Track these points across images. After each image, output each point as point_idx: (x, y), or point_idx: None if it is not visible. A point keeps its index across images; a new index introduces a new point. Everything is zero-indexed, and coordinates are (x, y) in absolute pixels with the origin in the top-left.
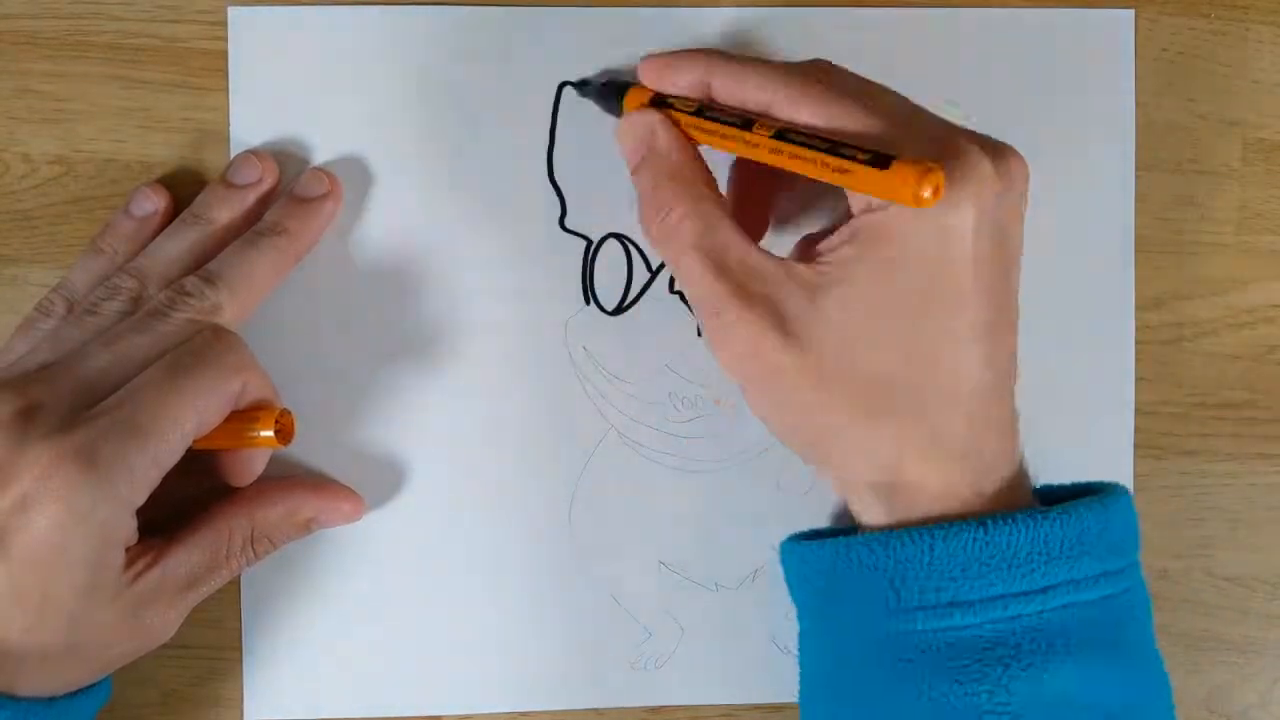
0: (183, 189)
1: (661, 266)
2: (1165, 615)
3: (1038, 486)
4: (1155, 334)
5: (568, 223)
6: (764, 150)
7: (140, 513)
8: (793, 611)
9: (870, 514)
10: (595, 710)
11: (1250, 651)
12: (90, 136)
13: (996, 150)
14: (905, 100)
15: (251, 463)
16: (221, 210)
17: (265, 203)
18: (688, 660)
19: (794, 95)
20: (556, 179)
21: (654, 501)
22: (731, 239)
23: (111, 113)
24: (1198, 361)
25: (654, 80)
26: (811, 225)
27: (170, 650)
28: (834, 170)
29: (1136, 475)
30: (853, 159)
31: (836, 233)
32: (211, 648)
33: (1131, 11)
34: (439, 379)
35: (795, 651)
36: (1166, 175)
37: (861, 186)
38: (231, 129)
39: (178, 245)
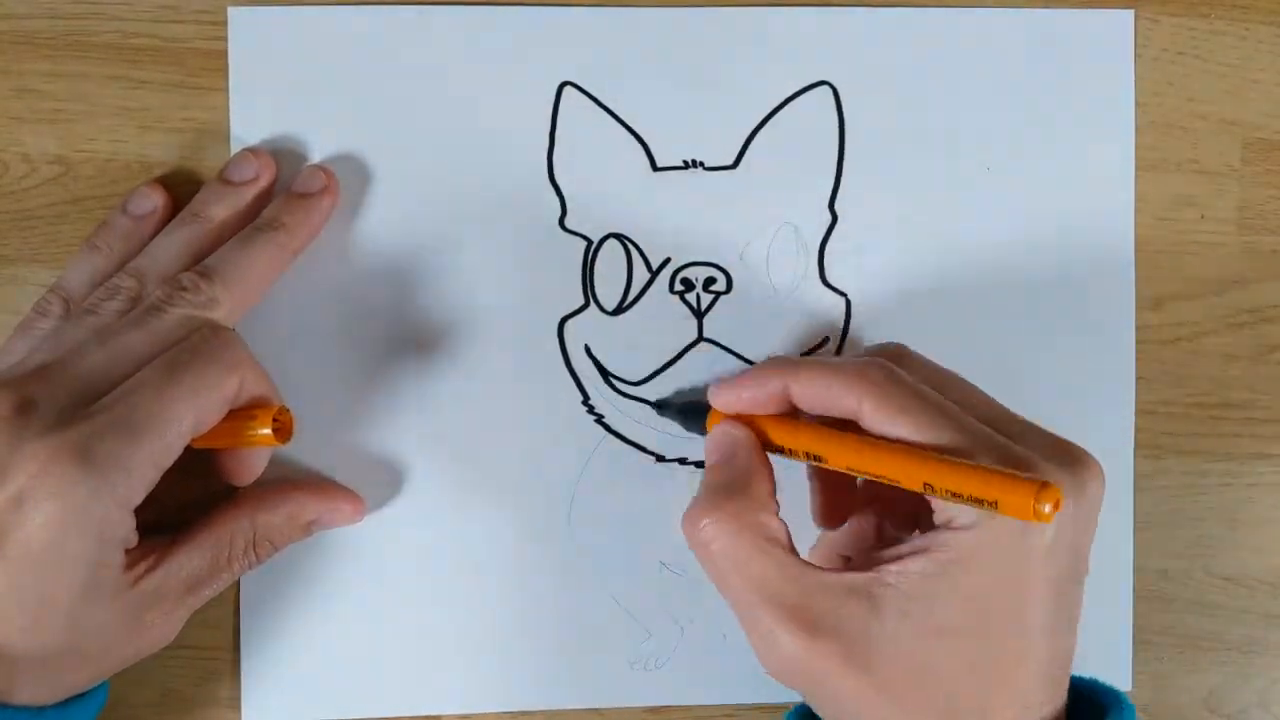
0: (182, 189)
1: (662, 266)
2: (1165, 615)
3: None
4: (1155, 334)
5: (568, 223)
6: (863, 466)
7: (141, 515)
8: None
9: None
10: (595, 710)
11: (1250, 651)
12: (90, 136)
13: (1074, 462)
14: (977, 393)
15: (252, 462)
16: (219, 208)
17: (263, 200)
18: (688, 660)
19: (876, 407)
20: (556, 179)
21: (654, 501)
22: (783, 557)
23: (111, 113)
24: (1198, 361)
25: (729, 404)
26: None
27: (169, 650)
28: (939, 489)
29: (1136, 475)
30: (971, 470)
31: (906, 544)
32: (210, 648)
33: (1131, 11)
34: (439, 379)
35: None
36: (1166, 175)
37: (975, 499)
38: (231, 129)
39: (176, 243)
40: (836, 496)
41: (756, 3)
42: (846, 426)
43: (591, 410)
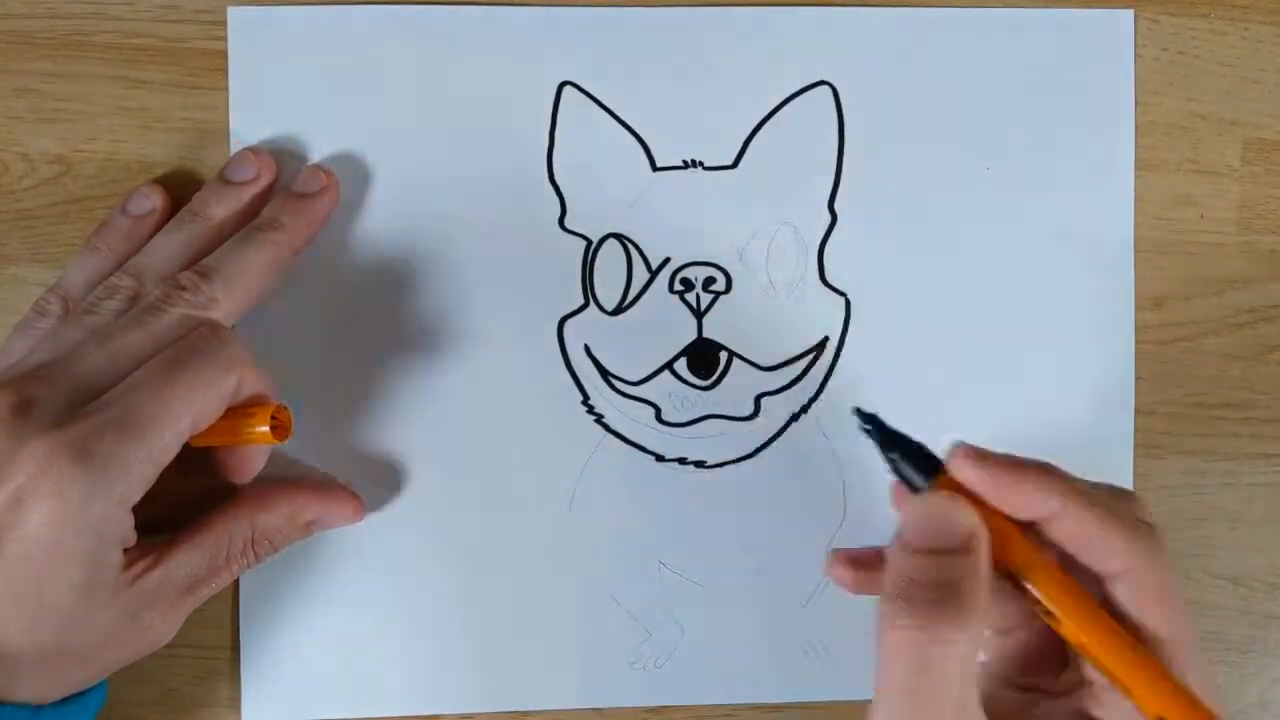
0: (182, 189)
1: (662, 266)
2: None
3: None
4: (1155, 334)
5: (568, 223)
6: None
7: (140, 513)
8: (797, 612)
9: None
10: (595, 710)
11: (1250, 651)
12: (90, 136)
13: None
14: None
15: (251, 459)
16: (219, 207)
17: (263, 200)
18: (687, 660)
19: (1143, 586)
20: (556, 179)
21: (654, 501)
22: (974, 703)
23: (111, 112)
24: (1198, 361)
25: (983, 483)
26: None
27: (169, 650)
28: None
29: (1136, 475)
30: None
31: None
32: (210, 647)
33: (1131, 11)
34: (438, 379)
35: (795, 651)
36: (1166, 175)
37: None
38: (231, 128)
39: (175, 243)
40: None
41: (756, 3)
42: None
43: (591, 410)
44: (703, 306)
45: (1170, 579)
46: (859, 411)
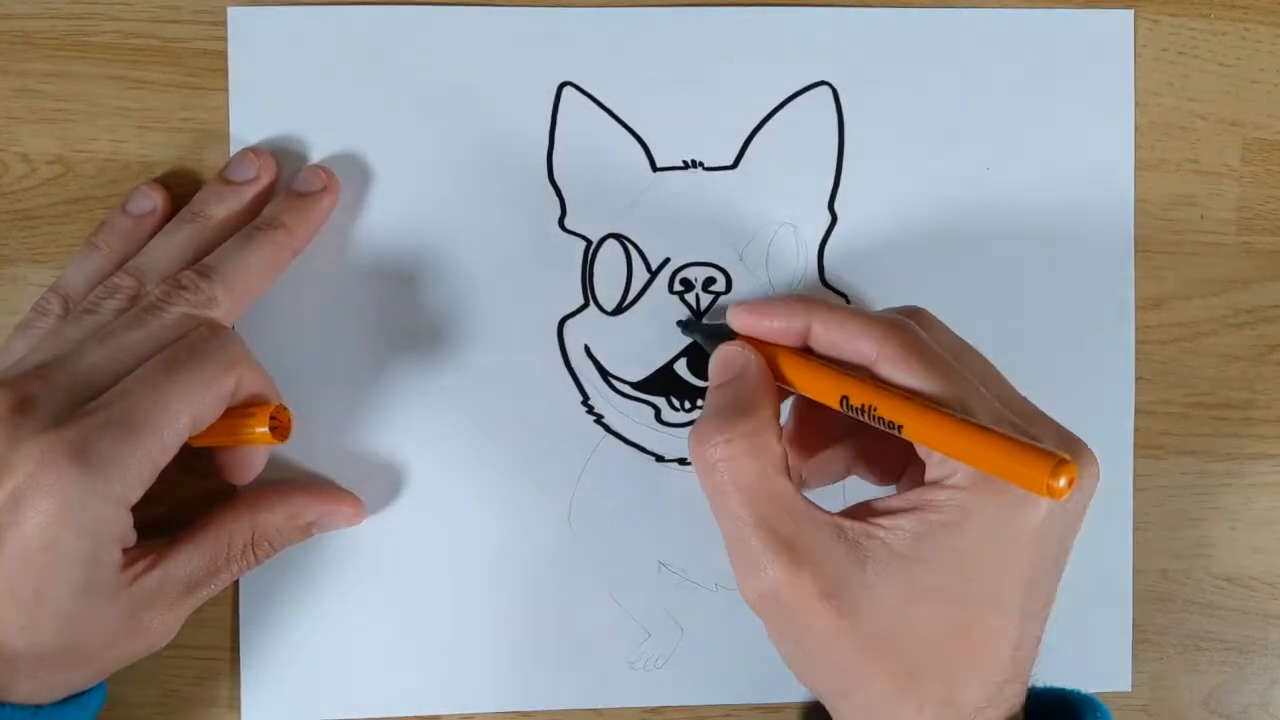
0: (182, 189)
1: (662, 266)
2: (1165, 615)
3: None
4: (1155, 334)
5: (567, 223)
6: (868, 406)
7: (140, 514)
8: None
9: None
10: (595, 710)
11: (1250, 651)
12: (90, 136)
13: (1077, 454)
14: (992, 369)
15: (251, 460)
16: (219, 207)
17: (263, 200)
18: (687, 660)
19: (895, 355)
20: (556, 179)
21: (653, 501)
22: (784, 487)
23: (111, 112)
24: (1198, 361)
25: (748, 325)
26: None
27: (169, 650)
28: (952, 449)
29: (1136, 475)
30: (985, 433)
31: (900, 498)
32: (210, 648)
33: (1131, 11)
34: (438, 379)
35: None
36: (1166, 175)
37: (992, 466)
38: (231, 129)
39: (175, 242)
40: (814, 433)
41: (756, 3)
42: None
43: (591, 410)
44: (702, 307)
45: (929, 354)
46: (679, 324)
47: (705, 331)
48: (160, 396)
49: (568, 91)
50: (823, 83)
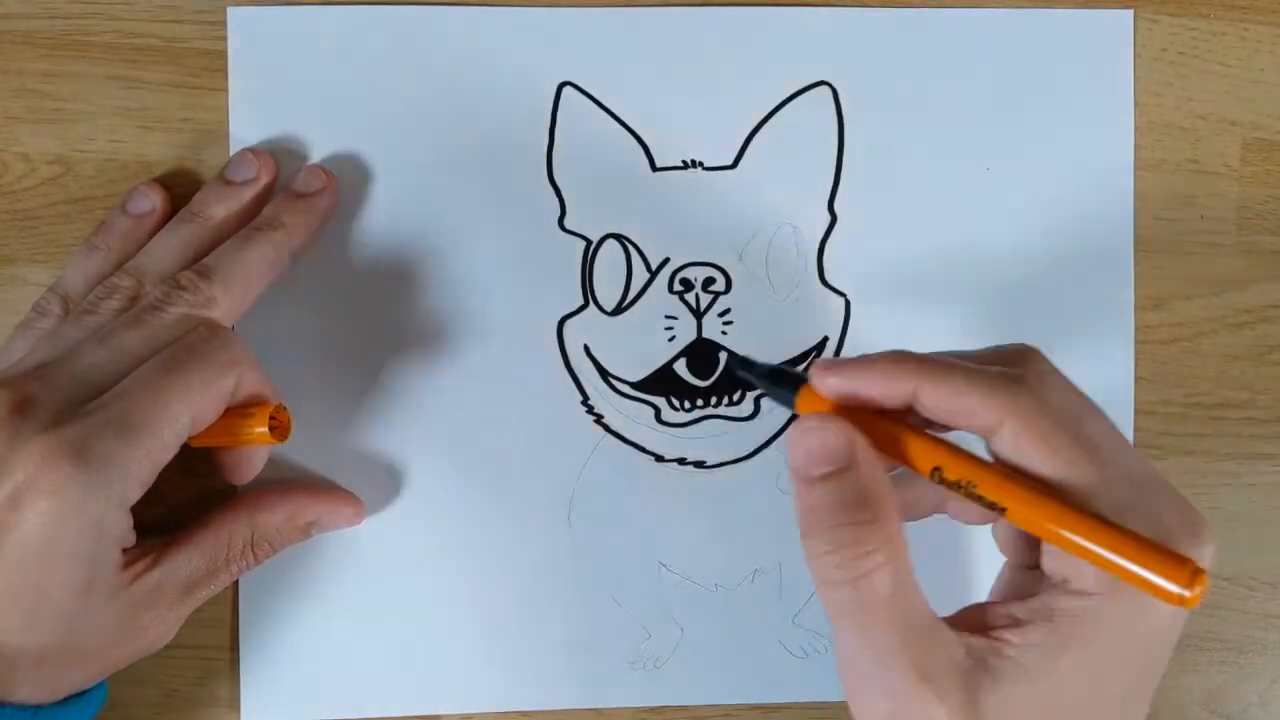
0: (182, 189)
1: (661, 266)
2: None
3: None
4: (1155, 334)
5: (567, 223)
6: (966, 483)
7: (139, 514)
8: (798, 614)
9: None
10: (595, 710)
11: (1250, 651)
12: (89, 136)
13: (1199, 537)
14: (1110, 430)
15: (250, 460)
16: (219, 207)
17: (263, 200)
18: (687, 660)
19: (1020, 431)
20: (556, 179)
21: (653, 502)
22: (919, 604)
23: (111, 113)
24: (1198, 361)
25: (840, 390)
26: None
27: (169, 650)
28: (1081, 547)
29: None
30: (1111, 531)
31: (1022, 605)
32: (210, 648)
33: (1131, 11)
34: (438, 380)
35: (795, 651)
36: (1166, 175)
37: (1116, 569)
38: (231, 129)
39: (175, 242)
40: (917, 496)
41: (756, 3)
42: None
43: (591, 410)
44: (702, 306)
45: (1055, 428)
46: (729, 362)
47: (764, 375)
48: (160, 397)
49: (568, 91)
50: (823, 83)
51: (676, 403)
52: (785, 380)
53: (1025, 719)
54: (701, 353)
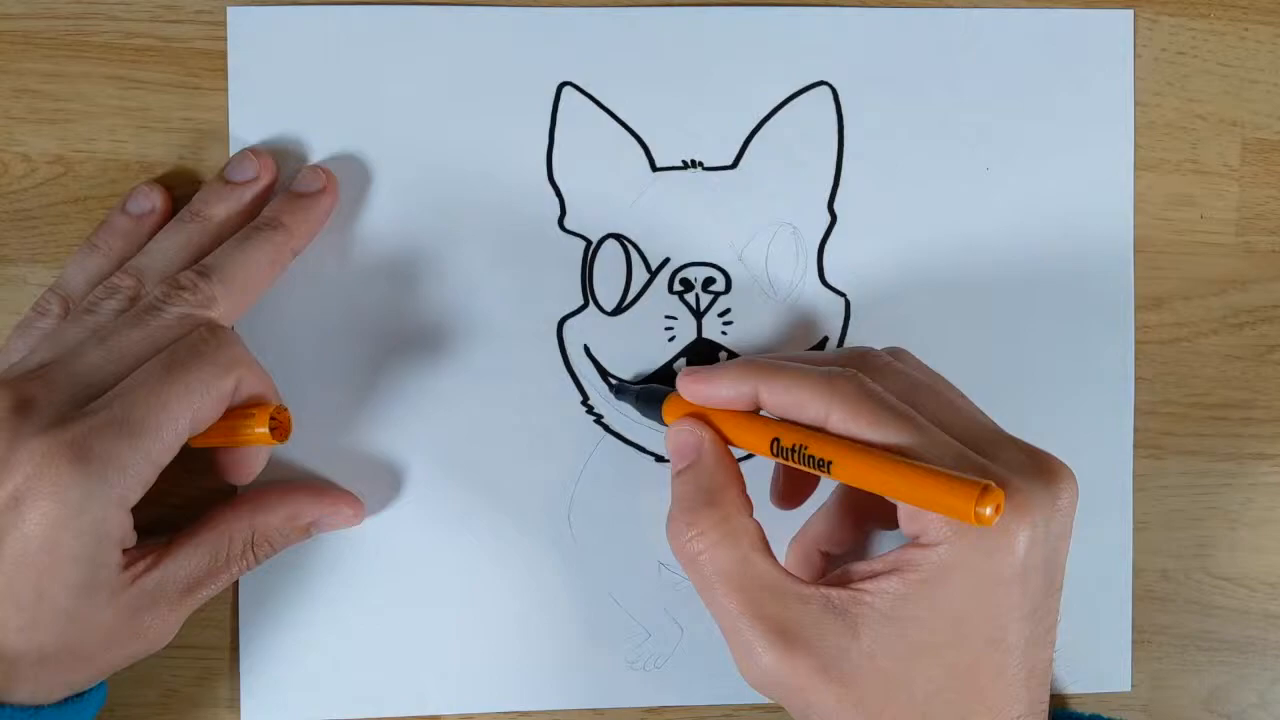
0: (182, 189)
1: (661, 266)
2: (1165, 615)
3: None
4: (1155, 334)
5: (567, 223)
6: (799, 446)
7: (140, 515)
8: None
9: None
10: (594, 710)
11: (1250, 651)
12: (89, 136)
13: (1047, 473)
14: (954, 404)
15: (251, 461)
16: (219, 207)
17: (263, 200)
18: (687, 660)
19: (844, 411)
20: (556, 179)
21: (653, 502)
22: (765, 568)
23: (111, 113)
24: (1198, 361)
25: (697, 394)
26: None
27: (169, 650)
28: (891, 485)
29: (1136, 475)
30: (909, 468)
31: (880, 559)
32: (210, 648)
33: (1131, 11)
34: (438, 380)
35: None
36: (1166, 175)
37: (921, 500)
38: (231, 129)
39: (175, 242)
40: (795, 478)
41: (756, 3)
42: None
43: (590, 410)
44: (702, 307)
45: (877, 408)
46: (610, 388)
47: (637, 395)
48: (160, 397)
49: (568, 91)
50: (823, 83)
51: None
52: (656, 396)
53: (888, 658)
54: (701, 353)
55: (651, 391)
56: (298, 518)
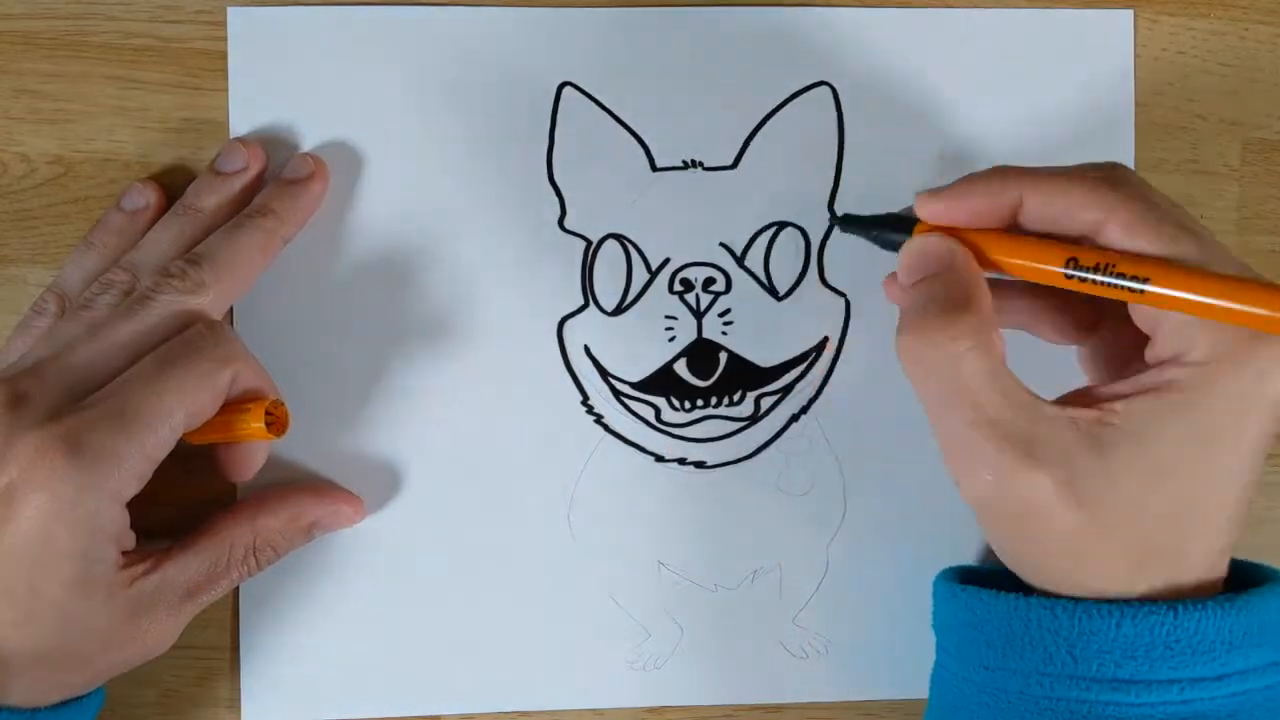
0: (182, 189)
1: (662, 267)
2: None
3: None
4: None
5: (567, 223)
6: (1105, 264)
7: (141, 516)
8: (798, 614)
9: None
10: (595, 710)
11: None
12: (89, 136)
13: None
14: (1199, 223)
15: (249, 456)
16: (210, 198)
17: (253, 190)
18: (687, 660)
19: (1130, 219)
20: (556, 179)
21: (653, 502)
22: (1014, 384)
23: (110, 113)
24: None
25: (944, 213)
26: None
27: (168, 650)
28: (1205, 289)
29: None
30: (1236, 281)
31: (1129, 381)
32: (210, 647)
33: (1131, 11)
34: (438, 380)
35: (795, 651)
36: (1166, 175)
37: (1242, 317)
38: (231, 129)
39: (168, 236)
40: (1087, 309)
41: (756, 3)
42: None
43: (591, 410)
44: (702, 307)
45: (1149, 206)
46: (834, 218)
47: (876, 224)
48: (155, 391)
49: (568, 91)
50: (823, 83)
51: (676, 403)
52: (900, 223)
53: (1132, 480)
54: (701, 353)
55: (892, 219)
56: (299, 519)
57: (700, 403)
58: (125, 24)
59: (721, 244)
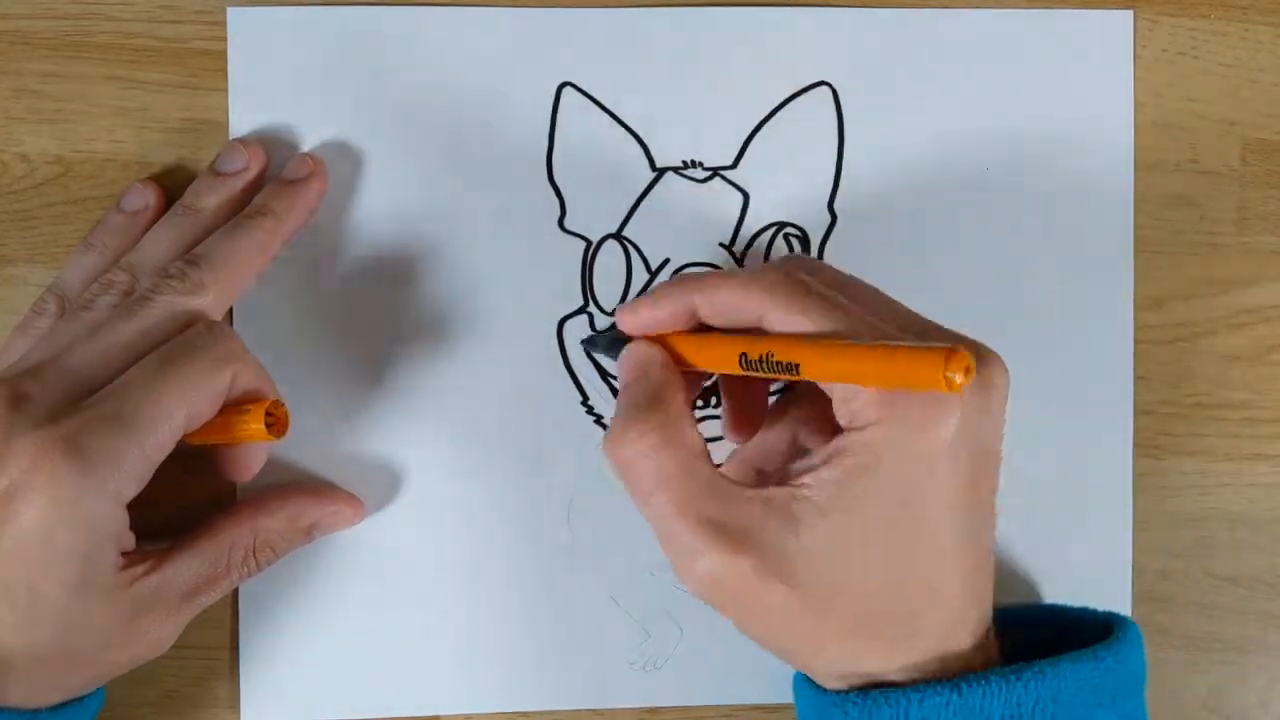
0: (181, 189)
1: (662, 267)
2: (1165, 616)
3: (1044, 605)
4: (1155, 334)
5: (567, 223)
6: (766, 355)
7: (141, 517)
8: None
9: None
10: (594, 710)
11: (1250, 651)
12: (89, 137)
13: (978, 357)
14: (884, 298)
15: (249, 457)
16: (210, 199)
17: (253, 190)
18: (687, 661)
19: (782, 303)
20: (556, 180)
21: None
22: (705, 472)
23: (110, 113)
24: (1198, 361)
25: (636, 324)
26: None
27: (168, 650)
28: (858, 369)
29: (1136, 475)
30: (873, 348)
31: (816, 454)
32: (210, 648)
33: (1131, 11)
34: (437, 380)
35: None
36: (1166, 175)
37: (890, 378)
38: (231, 129)
39: (168, 236)
40: (748, 407)
41: (756, 3)
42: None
43: (590, 410)
44: None
45: (809, 297)
46: (582, 344)
47: (606, 344)
48: (155, 392)
49: (568, 91)
50: (823, 83)
51: None
52: (621, 340)
53: (828, 553)
54: None
55: (617, 338)
56: (299, 519)
57: (700, 403)
58: (125, 24)
59: (721, 244)
